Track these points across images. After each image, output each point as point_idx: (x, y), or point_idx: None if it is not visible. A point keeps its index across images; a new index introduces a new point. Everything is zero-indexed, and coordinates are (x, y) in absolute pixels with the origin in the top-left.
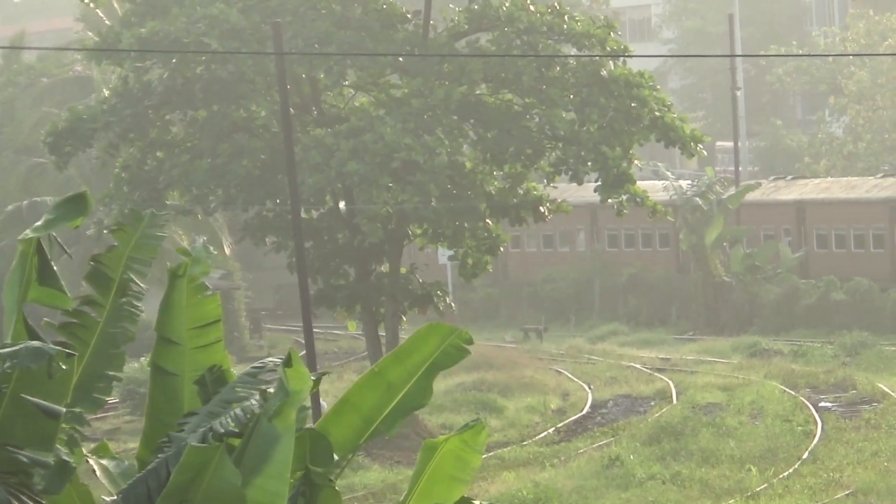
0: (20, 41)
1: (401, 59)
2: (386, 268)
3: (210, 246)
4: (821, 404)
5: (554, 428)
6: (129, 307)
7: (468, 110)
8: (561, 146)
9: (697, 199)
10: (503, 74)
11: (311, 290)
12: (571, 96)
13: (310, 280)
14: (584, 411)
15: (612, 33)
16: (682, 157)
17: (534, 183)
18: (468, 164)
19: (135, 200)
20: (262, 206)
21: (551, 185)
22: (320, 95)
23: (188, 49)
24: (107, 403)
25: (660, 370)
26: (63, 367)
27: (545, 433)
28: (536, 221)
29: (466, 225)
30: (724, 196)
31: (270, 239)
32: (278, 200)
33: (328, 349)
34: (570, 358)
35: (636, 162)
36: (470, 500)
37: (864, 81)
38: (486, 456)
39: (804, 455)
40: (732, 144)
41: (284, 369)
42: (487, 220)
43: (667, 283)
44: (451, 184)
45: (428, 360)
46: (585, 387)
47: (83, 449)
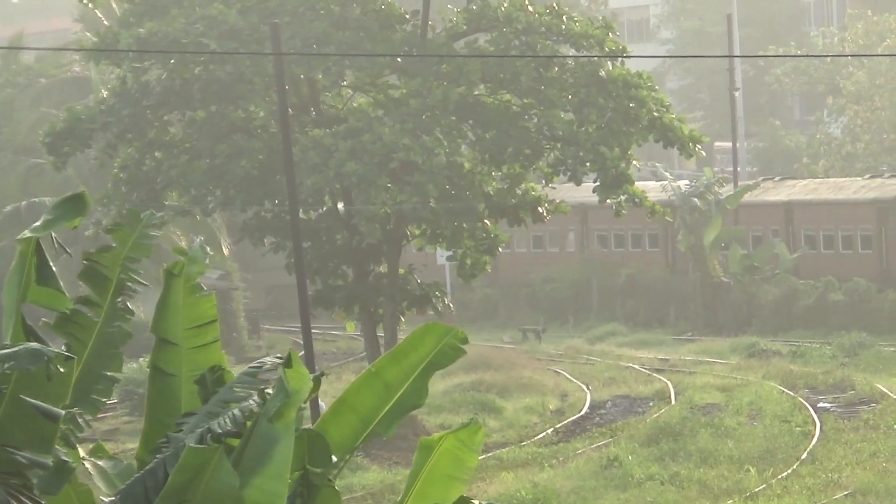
0: (18, 41)
1: (399, 59)
2: (384, 268)
3: (208, 246)
4: (819, 405)
5: (552, 428)
6: (124, 306)
7: (466, 111)
8: (559, 146)
9: (696, 199)
10: (501, 75)
11: (309, 291)
12: (570, 97)
13: (307, 281)
14: (583, 412)
15: (610, 34)
16: (680, 158)
17: (532, 183)
18: (466, 164)
19: (133, 201)
20: (260, 206)
21: (550, 185)
22: (319, 96)
23: (186, 49)
24: (106, 405)
25: (658, 371)
26: (61, 370)
27: (544, 434)
28: (535, 222)
29: (465, 225)
30: (723, 196)
31: (269, 239)
32: (277, 201)
33: (326, 350)
34: (568, 358)
35: (634, 162)
36: (469, 499)
37: (863, 82)
38: (484, 456)
39: (803, 455)
40: (731, 145)
41: (284, 370)
42: (486, 221)
43: (665, 284)
44: (450, 184)
45: (424, 360)
46: (584, 387)
47: (82, 450)
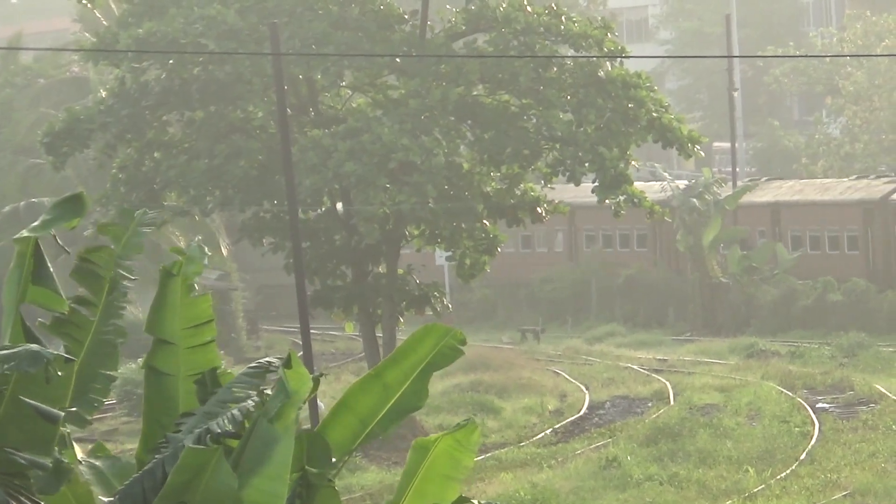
0: (17, 42)
1: (398, 59)
2: (383, 269)
3: (207, 247)
4: (818, 405)
5: (551, 429)
6: (118, 304)
7: (465, 111)
8: (558, 147)
9: (694, 199)
10: (500, 75)
11: (306, 292)
12: (568, 97)
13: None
14: (582, 412)
15: (609, 34)
16: (679, 158)
17: (531, 184)
18: (465, 164)
19: (132, 201)
20: (259, 206)
21: (549, 185)
22: (317, 96)
23: (185, 50)
24: (104, 404)
25: (657, 371)
26: (59, 373)
27: (542, 434)
28: (534, 222)
29: (464, 226)
30: (722, 197)
31: (268, 240)
32: (275, 201)
33: (325, 350)
34: (567, 359)
35: (633, 163)
36: (467, 499)
37: (862, 82)
38: (483, 457)
39: (801, 456)
40: (729, 145)
41: (284, 370)
42: (485, 221)
43: (664, 285)
44: (449, 184)
45: (423, 362)
46: (583, 388)
47: (81, 450)
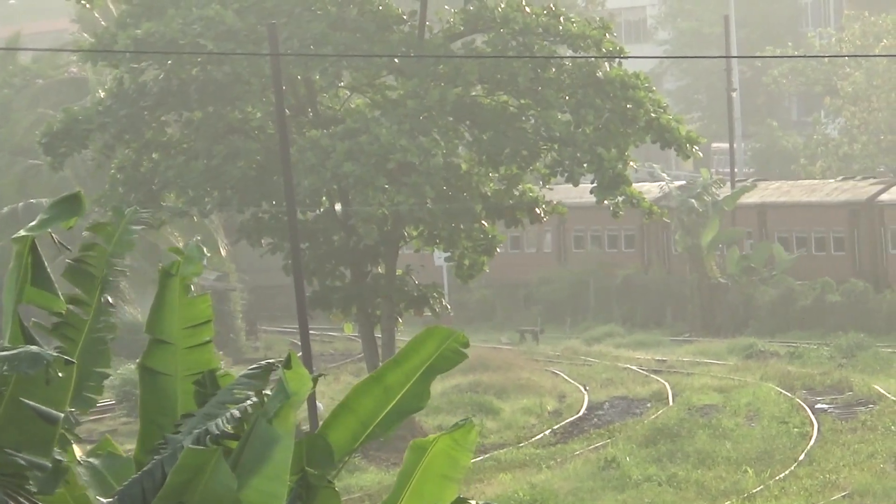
0: (16, 42)
1: (396, 60)
2: (382, 269)
3: (205, 247)
4: (817, 406)
5: (550, 430)
6: (109, 302)
7: (464, 112)
8: (556, 147)
9: (693, 200)
10: (499, 76)
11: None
12: (567, 98)
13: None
14: (581, 413)
15: (607, 34)
16: (677, 159)
17: (529, 184)
18: (464, 165)
19: (130, 202)
20: (257, 207)
21: (547, 186)
22: (316, 97)
23: (184, 50)
24: (98, 402)
25: (656, 372)
26: (60, 374)
27: (541, 435)
28: (532, 223)
29: (462, 226)
30: (720, 198)
31: (266, 240)
32: (274, 202)
33: (324, 351)
34: (566, 359)
35: (632, 163)
36: (466, 500)
37: (860, 83)
38: (482, 458)
39: (800, 457)
40: (728, 146)
41: (284, 371)
42: (483, 222)
43: (662, 285)
44: (447, 185)
45: (425, 364)
46: (581, 388)
47: (79, 450)
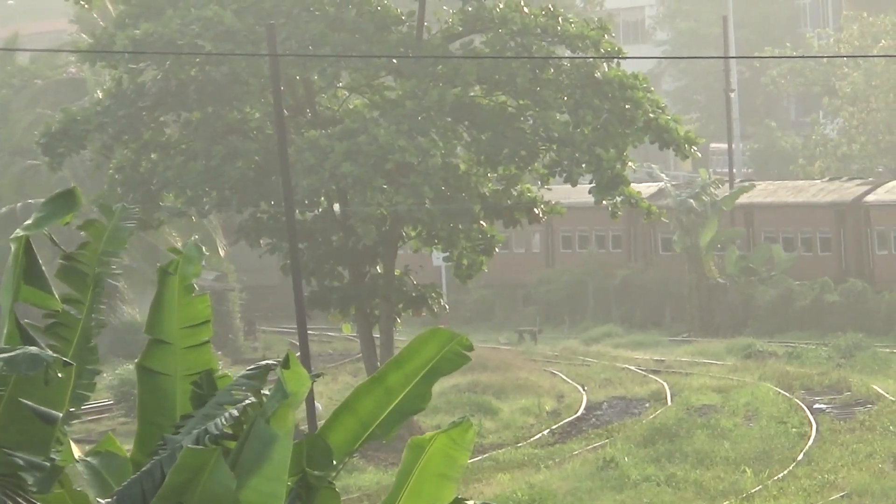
0: (14, 43)
1: (395, 60)
2: (380, 269)
3: (204, 247)
4: (815, 406)
5: (548, 430)
6: (99, 300)
7: (462, 112)
8: (555, 148)
9: (691, 200)
10: (497, 76)
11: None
12: (565, 98)
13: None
14: (579, 413)
15: (605, 35)
16: (676, 159)
17: (528, 185)
18: (462, 165)
19: (129, 202)
20: (256, 207)
21: (545, 186)
22: (314, 97)
23: (182, 51)
24: (90, 398)
25: (654, 372)
26: (59, 375)
27: (540, 435)
28: (530, 223)
29: (461, 226)
30: (719, 198)
31: (265, 241)
32: (272, 202)
33: (322, 351)
34: (564, 360)
35: (630, 164)
36: (464, 500)
37: (858, 83)
38: (480, 458)
39: (799, 457)
40: (726, 146)
41: (282, 371)
42: (482, 222)
43: (662, 285)
44: (445, 185)
45: (427, 365)
46: (580, 388)
47: (78, 449)
